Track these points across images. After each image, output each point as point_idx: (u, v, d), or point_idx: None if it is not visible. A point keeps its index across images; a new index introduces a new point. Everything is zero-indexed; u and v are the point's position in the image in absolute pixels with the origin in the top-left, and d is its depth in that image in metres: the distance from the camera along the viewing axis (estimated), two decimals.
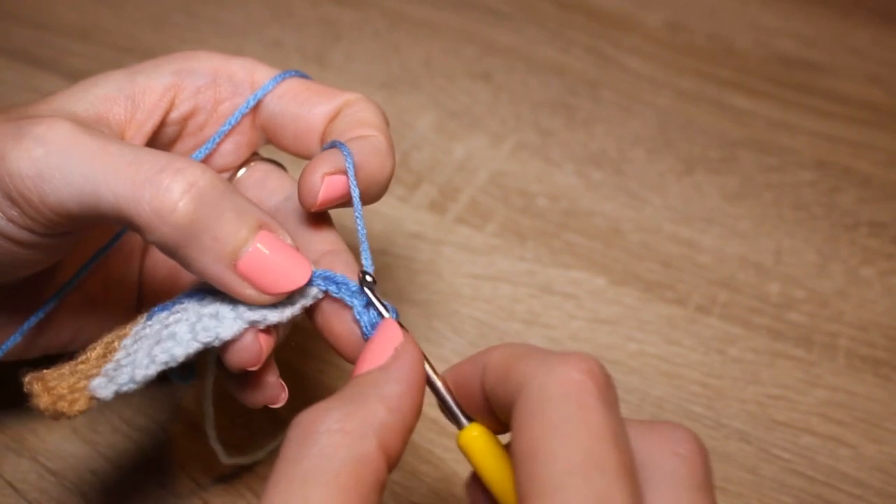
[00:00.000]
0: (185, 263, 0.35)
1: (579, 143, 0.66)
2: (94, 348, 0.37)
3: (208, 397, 0.42)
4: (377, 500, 0.29)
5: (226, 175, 0.44)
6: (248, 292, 0.35)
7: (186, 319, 0.36)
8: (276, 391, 0.39)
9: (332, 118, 0.41)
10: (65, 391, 0.34)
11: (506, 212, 0.61)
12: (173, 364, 0.35)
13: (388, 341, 0.33)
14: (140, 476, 0.46)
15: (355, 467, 0.28)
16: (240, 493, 0.46)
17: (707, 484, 0.30)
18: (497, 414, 0.31)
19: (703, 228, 0.60)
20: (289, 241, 0.36)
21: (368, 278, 0.37)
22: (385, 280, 0.43)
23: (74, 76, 0.67)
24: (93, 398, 0.34)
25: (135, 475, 0.46)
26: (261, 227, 0.35)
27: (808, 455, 0.49)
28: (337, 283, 0.37)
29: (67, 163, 0.34)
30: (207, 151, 0.42)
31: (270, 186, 0.43)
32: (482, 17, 0.76)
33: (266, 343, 0.37)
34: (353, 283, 0.37)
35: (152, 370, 0.34)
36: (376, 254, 0.41)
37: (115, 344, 0.37)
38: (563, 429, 0.27)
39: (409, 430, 0.30)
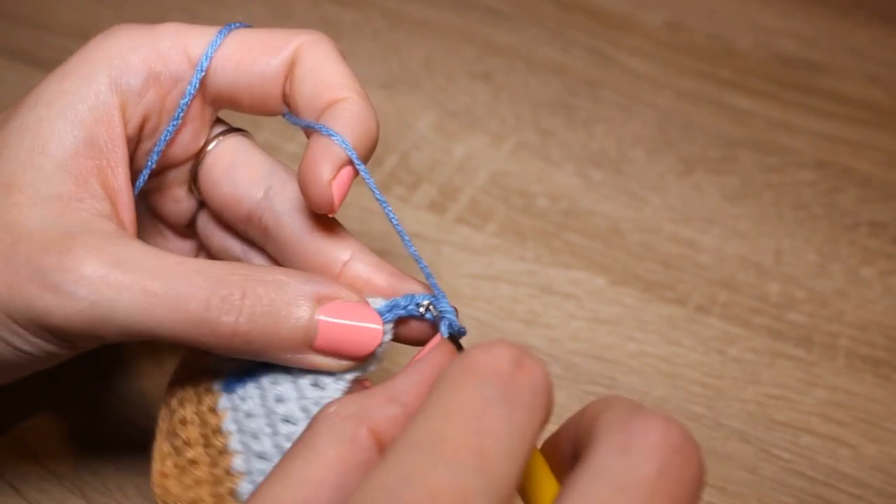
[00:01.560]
0: (269, 361, 0.36)
1: (579, 143, 0.66)
2: (182, 425, 0.37)
3: None
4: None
5: (188, 164, 0.41)
6: (336, 364, 0.36)
7: (290, 397, 0.36)
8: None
9: (287, 73, 0.39)
10: (211, 503, 0.34)
11: (506, 212, 0.61)
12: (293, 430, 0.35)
13: (427, 350, 0.34)
14: (140, 477, 0.46)
15: (341, 446, 0.29)
16: None
17: (654, 493, 0.25)
18: None
19: (703, 228, 0.60)
20: (352, 298, 0.36)
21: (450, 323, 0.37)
22: None
23: None
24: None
25: (135, 476, 0.46)
26: (318, 301, 0.35)
27: (808, 455, 0.49)
28: (402, 308, 0.37)
29: (118, 312, 0.33)
30: (154, 163, 0.39)
31: (242, 177, 0.40)
32: (482, 17, 0.76)
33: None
34: (409, 298, 0.37)
35: (283, 442, 0.35)
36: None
37: (213, 422, 0.36)
38: (441, 404, 0.26)
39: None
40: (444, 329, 0.37)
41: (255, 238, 0.41)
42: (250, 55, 0.39)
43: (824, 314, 0.56)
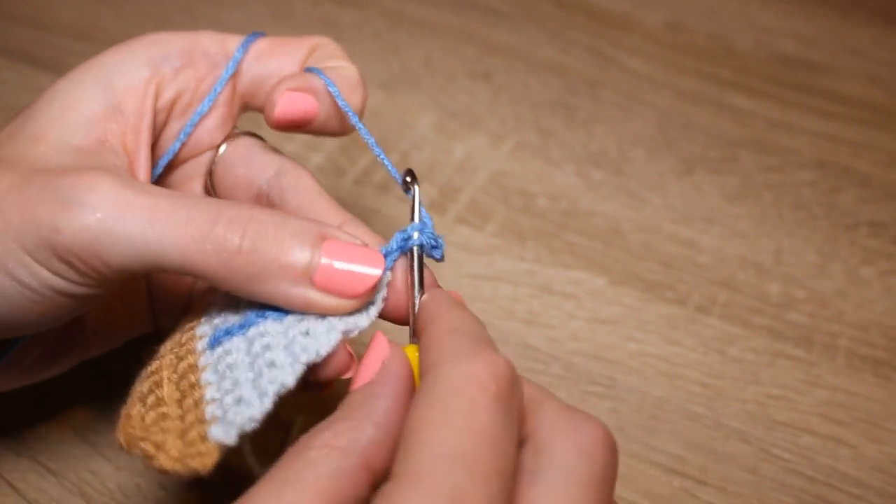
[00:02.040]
0: (265, 298, 0.35)
1: (579, 143, 0.66)
2: (156, 387, 0.36)
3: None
4: None
5: (209, 154, 0.43)
6: (334, 303, 0.36)
7: (278, 344, 0.36)
8: (347, 360, 0.38)
9: (304, 63, 0.42)
10: (179, 446, 0.33)
11: (506, 212, 0.61)
12: (283, 391, 0.34)
13: (377, 355, 0.34)
14: (140, 477, 0.46)
15: (336, 479, 0.29)
16: (241, 493, 0.46)
17: (603, 483, 0.30)
18: None
19: (703, 228, 0.60)
20: (353, 239, 0.36)
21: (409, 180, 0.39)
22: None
23: None
24: (220, 446, 0.33)
25: (135, 476, 0.46)
26: (322, 237, 0.35)
27: (808, 455, 0.49)
28: (395, 249, 0.38)
29: (126, 228, 0.34)
30: (186, 136, 0.42)
31: (257, 163, 0.42)
32: (482, 17, 0.76)
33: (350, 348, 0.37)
34: (398, 236, 0.38)
35: (268, 403, 0.34)
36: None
37: (192, 378, 0.36)
38: (448, 418, 0.28)
39: (396, 442, 0.31)
40: (436, 254, 0.38)
41: None
42: (275, 51, 0.43)
43: (824, 314, 0.56)
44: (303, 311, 0.36)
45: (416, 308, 0.37)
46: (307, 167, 0.42)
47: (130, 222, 0.34)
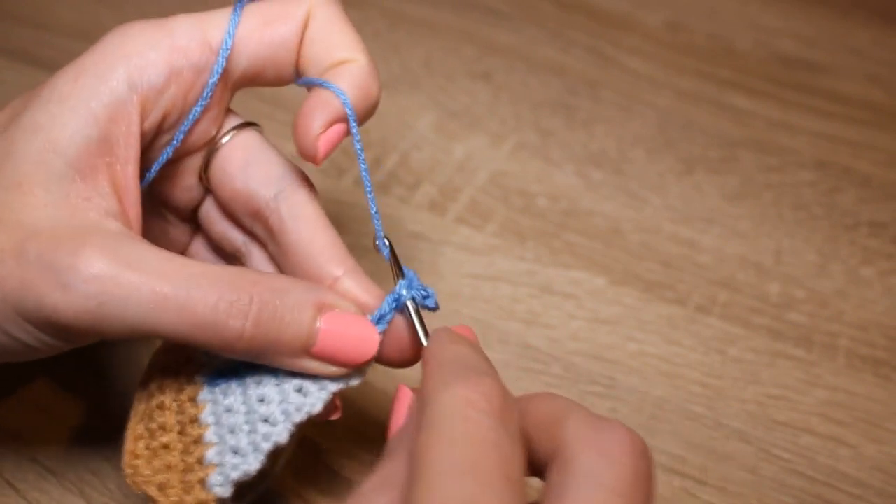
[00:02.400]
0: (265, 363, 0.37)
1: (579, 143, 0.66)
2: (160, 410, 0.37)
3: None
4: None
5: (202, 153, 0.41)
6: (331, 370, 0.37)
7: (272, 399, 0.37)
8: (332, 409, 0.40)
9: (300, 41, 0.39)
10: (179, 492, 0.35)
11: (506, 212, 0.61)
12: (277, 448, 0.36)
13: (402, 403, 0.36)
14: None
15: None
16: (240, 493, 0.46)
17: (634, 490, 0.29)
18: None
19: (703, 228, 0.60)
20: (351, 308, 0.37)
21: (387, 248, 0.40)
22: (386, 281, 0.43)
23: None
24: (219, 500, 0.35)
25: None
26: (320, 309, 0.36)
27: (808, 455, 0.49)
28: (388, 311, 0.38)
29: (122, 313, 0.34)
30: (173, 150, 0.40)
31: (256, 174, 0.40)
32: (482, 17, 0.76)
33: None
34: (389, 298, 0.38)
35: (262, 459, 0.35)
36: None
37: (192, 412, 0.37)
38: (445, 436, 0.29)
39: None
40: (407, 296, 0.38)
41: (259, 235, 0.42)
42: (269, 27, 0.39)
43: (824, 314, 0.56)
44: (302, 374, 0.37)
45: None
46: (308, 181, 0.41)
47: (131, 308, 0.34)
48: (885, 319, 0.56)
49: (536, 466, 0.31)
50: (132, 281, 0.34)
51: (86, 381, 0.49)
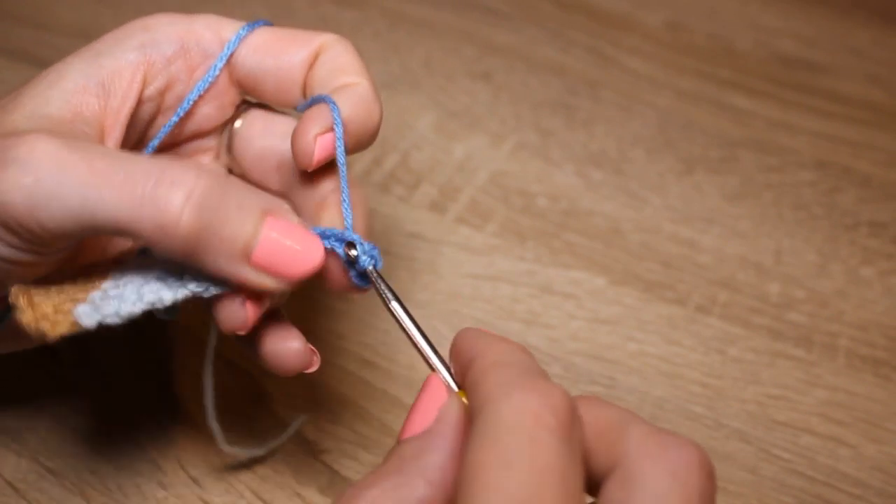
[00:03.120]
0: (198, 267, 0.35)
1: (579, 143, 0.66)
2: (81, 275, 0.37)
3: (208, 372, 0.41)
4: None
5: (214, 136, 0.44)
6: (268, 282, 0.35)
7: (173, 269, 0.36)
8: (306, 357, 0.39)
9: (311, 65, 0.41)
10: (49, 310, 0.34)
11: (506, 212, 0.61)
12: (160, 306, 0.35)
13: (432, 401, 0.32)
14: (140, 477, 0.46)
15: None
16: (240, 493, 0.46)
17: (705, 500, 0.28)
18: None
19: (703, 228, 0.60)
20: (296, 220, 0.35)
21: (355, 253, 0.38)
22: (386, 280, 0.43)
23: None
24: (76, 324, 0.34)
25: (135, 476, 0.46)
26: (265, 213, 0.34)
27: (808, 455, 0.49)
28: (328, 238, 0.38)
29: (59, 188, 0.33)
30: (175, 121, 0.41)
31: (276, 131, 0.42)
32: (482, 17, 0.76)
33: (253, 309, 0.36)
34: (339, 231, 0.38)
35: (138, 308, 0.35)
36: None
37: (105, 273, 0.37)
38: (507, 459, 0.26)
39: (450, 500, 0.29)
40: (375, 261, 0.38)
41: (281, 188, 0.42)
42: (279, 45, 0.42)
43: (824, 314, 0.56)
44: (235, 288, 0.36)
45: (397, 314, 0.37)
46: None
47: (64, 183, 0.33)
48: (885, 319, 0.56)
49: (590, 478, 0.29)
50: (69, 158, 0.33)
51: (86, 381, 0.49)
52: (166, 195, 0.33)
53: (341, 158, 0.39)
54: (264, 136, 0.42)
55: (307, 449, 0.48)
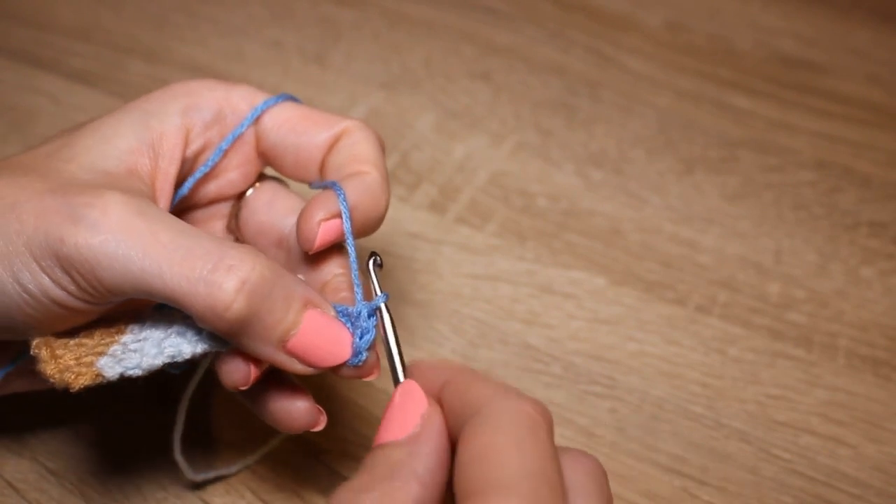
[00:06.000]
0: (235, 343, 0.37)
1: (579, 143, 0.66)
2: (99, 328, 0.38)
3: (183, 407, 0.43)
4: None
5: (231, 203, 0.45)
6: (298, 367, 0.37)
7: (192, 324, 0.38)
8: (313, 416, 0.40)
9: (331, 147, 0.43)
10: (71, 363, 0.36)
11: (506, 212, 0.61)
12: (179, 359, 0.37)
13: (412, 407, 0.33)
14: (140, 477, 0.46)
15: None
16: (240, 493, 0.46)
17: (609, 498, 0.33)
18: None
19: (703, 228, 0.60)
20: (332, 313, 0.38)
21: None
22: (385, 280, 0.43)
23: (74, 76, 0.67)
24: (99, 375, 0.36)
25: (135, 476, 0.46)
26: (306, 306, 0.37)
27: (808, 455, 0.49)
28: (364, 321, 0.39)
29: (123, 253, 0.35)
30: (204, 171, 0.43)
31: (280, 208, 0.44)
32: (482, 17, 0.76)
33: (256, 366, 0.38)
34: (349, 308, 0.39)
35: (159, 361, 0.37)
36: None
37: (122, 326, 0.38)
38: (518, 442, 0.30)
39: (441, 501, 0.32)
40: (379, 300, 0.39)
41: (282, 261, 0.44)
42: (304, 124, 0.43)
43: (824, 314, 0.56)
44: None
45: (395, 354, 0.38)
46: None
47: (129, 250, 0.35)
48: (885, 319, 0.56)
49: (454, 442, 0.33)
50: (137, 225, 0.35)
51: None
52: (222, 281, 0.35)
53: (351, 248, 0.40)
54: (269, 210, 0.44)
55: (307, 449, 0.48)
